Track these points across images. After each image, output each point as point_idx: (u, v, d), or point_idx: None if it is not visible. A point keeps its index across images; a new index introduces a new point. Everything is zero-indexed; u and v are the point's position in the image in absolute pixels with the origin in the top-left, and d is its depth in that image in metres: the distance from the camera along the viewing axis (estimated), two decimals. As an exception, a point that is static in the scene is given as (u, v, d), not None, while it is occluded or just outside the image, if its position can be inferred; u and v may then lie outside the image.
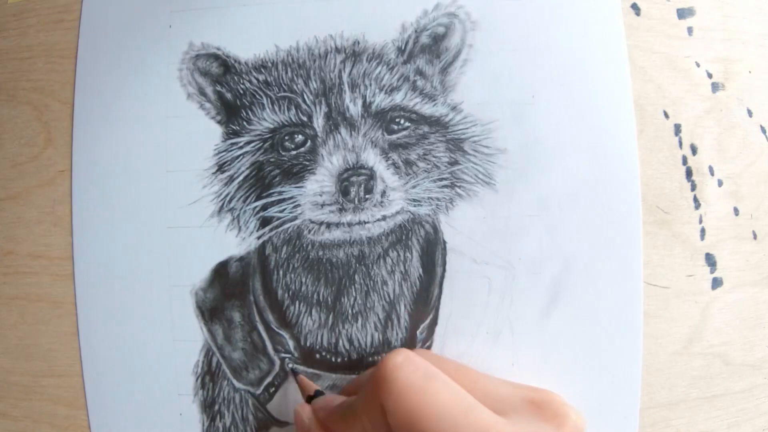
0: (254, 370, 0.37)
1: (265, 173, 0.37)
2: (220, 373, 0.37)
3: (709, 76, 0.38)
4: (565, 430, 0.28)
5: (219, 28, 0.38)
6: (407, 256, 0.37)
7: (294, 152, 0.37)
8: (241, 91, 0.37)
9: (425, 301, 0.36)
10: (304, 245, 0.37)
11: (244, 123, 0.37)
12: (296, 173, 0.36)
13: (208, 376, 0.37)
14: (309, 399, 0.34)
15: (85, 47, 0.38)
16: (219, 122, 0.37)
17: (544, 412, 0.28)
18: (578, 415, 0.28)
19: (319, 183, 0.36)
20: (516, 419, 0.27)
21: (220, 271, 0.37)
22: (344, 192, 0.35)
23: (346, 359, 0.36)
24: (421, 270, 0.37)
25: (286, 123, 0.37)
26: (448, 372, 0.29)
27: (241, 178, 0.37)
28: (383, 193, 0.36)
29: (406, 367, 0.27)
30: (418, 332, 0.36)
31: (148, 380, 0.37)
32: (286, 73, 0.37)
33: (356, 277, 0.36)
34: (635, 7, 0.38)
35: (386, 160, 0.36)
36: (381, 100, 0.37)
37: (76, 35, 0.38)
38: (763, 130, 0.38)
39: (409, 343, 0.36)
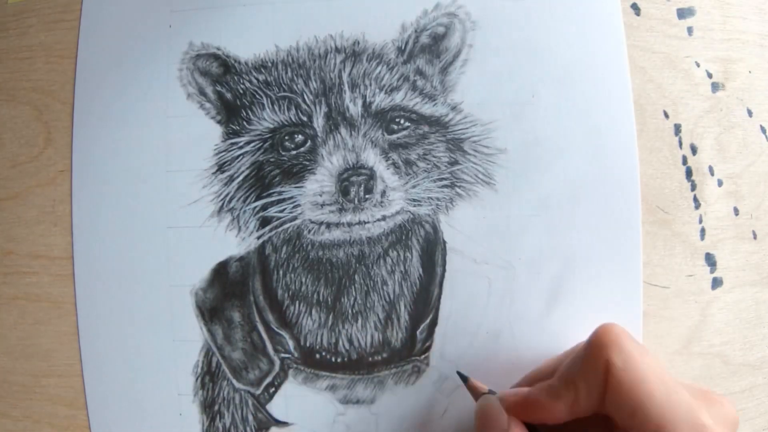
0: (254, 370, 0.37)
1: (265, 173, 0.37)
2: (220, 373, 0.37)
3: (709, 76, 0.38)
4: (726, 410, 0.29)
5: (219, 28, 0.38)
6: (407, 256, 0.37)
7: (294, 152, 0.37)
8: (241, 91, 0.37)
9: (425, 301, 0.36)
10: (304, 245, 0.37)
11: (244, 123, 0.37)
12: (296, 173, 0.36)
13: (208, 376, 0.37)
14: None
15: (85, 47, 0.38)
16: (219, 122, 0.37)
17: (710, 399, 0.29)
18: (730, 403, 0.30)
19: (319, 183, 0.36)
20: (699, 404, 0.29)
21: (220, 271, 0.37)
22: (344, 192, 0.35)
23: (346, 359, 0.36)
24: (421, 270, 0.37)
25: (286, 123, 0.37)
26: None
27: (241, 178, 0.37)
28: (383, 193, 0.36)
29: (628, 334, 0.29)
30: (418, 332, 0.36)
31: (148, 380, 0.37)
32: (286, 73, 0.37)
33: (356, 277, 0.36)
34: (635, 7, 0.38)
35: (386, 160, 0.36)
36: (381, 100, 0.37)
37: (76, 35, 0.38)
38: (763, 130, 0.38)
39: (409, 343, 0.36)
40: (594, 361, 0.29)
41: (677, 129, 0.38)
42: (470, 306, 0.36)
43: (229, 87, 0.38)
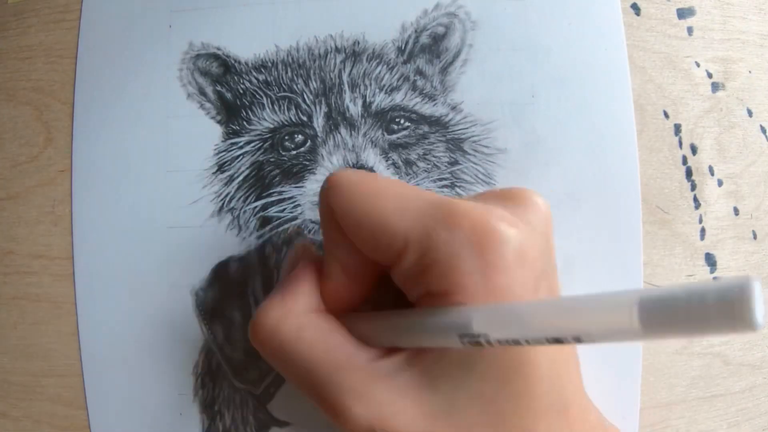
0: (254, 370, 0.37)
1: (265, 173, 0.37)
2: (221, 373, 0.37)
3: (709, 76, 0.38)
4: (529, 209, 0.25)
5: (219, 28, 0.38)
6: (407, 256, 0.37)
7: (294, 152, 0.37)
8: (241, 91, 0.37)
9: (425, 301, 0.36)
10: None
11: (244, 123, 0.37)
12: (296, 173, 0.36)
13: (208, 376, 0.37)
14: None
15: (85, 47, 0.38)
16: (219, 122, 0.37)
17: (507, 195, 0.26)
18: (544, 201, 0.26)
19: (319, 183, 0.36)
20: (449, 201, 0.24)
21: (220, 271, 0.37)
22: (344, 192, 0.35)
23: (346, 359, 0.36)
24: (421, 270, 0.37)
25: (286, 123, 0.37)
26: None
27: (241, 178, 0.37)
28: (383, 193, 0.36)
29: (352, 171, 0.26)
30: (418, 332, 0.36)
31: (148, 380, 0.36)
32: (286, 73, 0.37)
33: (356, 277, 0.36)
34: (635, 7, 0.38)
35: (386, 160, 0.36)
36: (381, 100, 0.37)
37: (76, 35, 0.38)
38: (763, 130, 0.38)
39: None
40: (328, 221, 0.26)
41: (677, 129, 0.38)
42: (470, 306, 0.36)
43: (229, 87, 0.38)
